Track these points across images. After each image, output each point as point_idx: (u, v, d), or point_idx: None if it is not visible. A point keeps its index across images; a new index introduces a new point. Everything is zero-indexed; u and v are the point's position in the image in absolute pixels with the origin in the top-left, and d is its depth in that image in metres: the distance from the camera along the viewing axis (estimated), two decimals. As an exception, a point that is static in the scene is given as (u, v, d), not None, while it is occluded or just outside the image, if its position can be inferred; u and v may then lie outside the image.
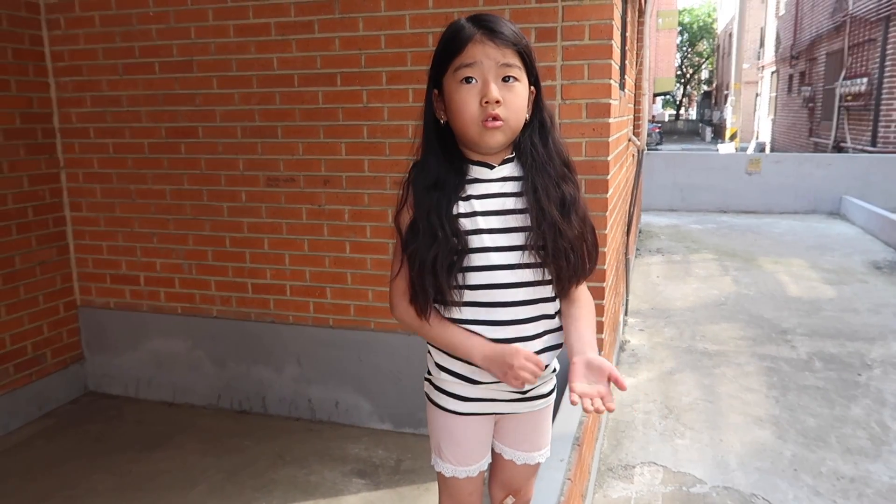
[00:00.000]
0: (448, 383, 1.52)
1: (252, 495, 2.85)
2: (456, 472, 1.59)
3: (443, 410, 1.55)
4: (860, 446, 3.16)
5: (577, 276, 1.45)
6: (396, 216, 1.47)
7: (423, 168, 1.44)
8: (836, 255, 7.29)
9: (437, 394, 1.55)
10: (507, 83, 1.36)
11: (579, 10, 2.78)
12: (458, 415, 1.54)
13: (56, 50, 3.55)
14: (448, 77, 1.38)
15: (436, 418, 1.57)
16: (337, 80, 3.14)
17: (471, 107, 1.35)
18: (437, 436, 1.59)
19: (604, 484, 2.87)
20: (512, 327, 1.42)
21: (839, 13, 13.69)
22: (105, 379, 3.86)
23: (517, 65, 1.37)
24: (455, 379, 1.50)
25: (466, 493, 1.62)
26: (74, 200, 3.70)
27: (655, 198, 10.38)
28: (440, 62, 1.40)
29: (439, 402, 1.55)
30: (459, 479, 1.59)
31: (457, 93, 1.36)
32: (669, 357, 4.35)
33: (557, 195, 1.41)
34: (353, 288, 3.31)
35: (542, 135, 1.45)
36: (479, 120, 1.35)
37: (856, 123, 12.75)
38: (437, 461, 1.61)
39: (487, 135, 1.37)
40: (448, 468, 1.59)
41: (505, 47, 1.35)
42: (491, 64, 1.34)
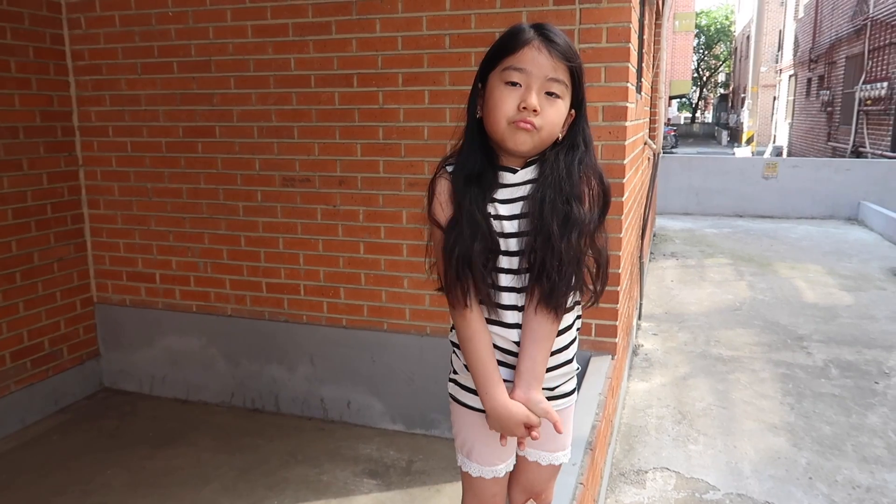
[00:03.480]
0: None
1: (264, 493, 2.86)
2: (483, 472, 1.57)
3: (471, 410, 1.53)
4: (877, 455, 3.12)
5: (559, 297, 1.39)
6: (431, 210, 1.44)
7: (464, 160, 1.43)
8: (854, 261, 7.21)
9: (465, 393, 1.53)
10: (549, 97, 1.36)
11: (597, 13, 2.77)
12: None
13: (76, 49, 3.59)
14: (494, 74, 1.38)
15: (464, 418, 1.55)
16: (353, 81, 3.15)
17: (507, 105, 1.35)
18: (465, 436, 1.57)
19: (616, 489, 2.86)
20: (516, 330, 1.43)
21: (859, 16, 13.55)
22: (120, 375, 3.89)
23: (564, 82, 1.36)
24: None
25: (491, 495, 1.60)
26: (92, 198, 3.74)
27: (670, 201, 10.31)
28: (492, 58, 1.39)
29: (468, 401, 1.53)
30: (486, 480, 1.57)
31: (497, 90, 1.36)
32: (683, 362, 4.32)
33: (563, 210, 1.37)
34: (367, 288, 3.32)
35: (570, 155, 1.41)
36: (512, 119, 1.35)
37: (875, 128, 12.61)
38: (464, 461, 1.59)
39: (516, 134, 1.36)
40: (475, 468, 1.57)
41: (558, 60, 1.34)
42: (539, 74, 1.33)
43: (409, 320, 3.29)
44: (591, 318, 3.00)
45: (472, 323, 1.42)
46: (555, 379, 1.52)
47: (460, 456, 1.61)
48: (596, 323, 3.01)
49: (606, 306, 2.98)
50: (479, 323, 1.42)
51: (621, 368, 3.39)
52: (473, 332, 1.42)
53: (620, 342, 3.20)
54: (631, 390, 3.87)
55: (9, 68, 3.32)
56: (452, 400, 1.58)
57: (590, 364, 2.96)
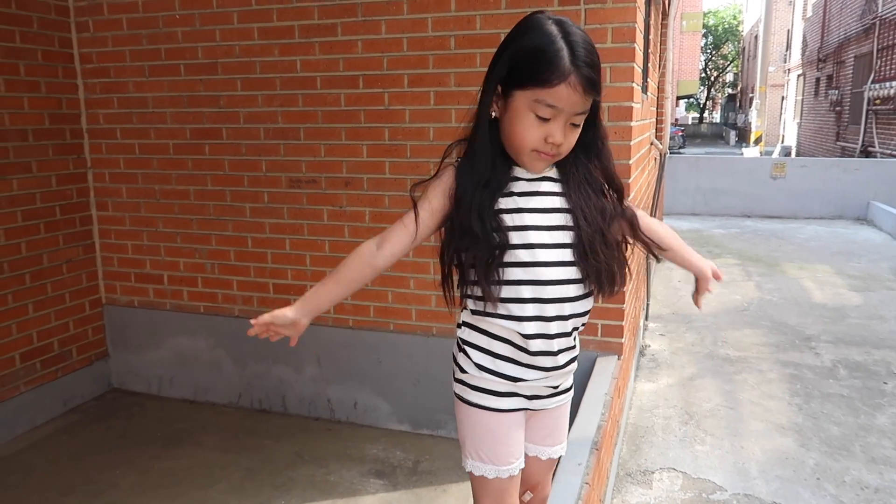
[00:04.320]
0: (487, 381, 1.49)
1: (271, 493, 2.87)
2: (499, 472, 1.53)
3: (482, 409, 1.50)
4: (885, 456, 3.10)
5: (613, 284, 1.47)
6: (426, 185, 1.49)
7: (475, 166, 1.41)
8: (863, 261, 7.17)
9: (475, 393, 1.50)
10: (572, 127, 1.37)
11: (602, 13, 2.77)
12: (500, 412, 1.51)
13: (85, 52, 3.62)
14: (522, 96, 1.33)
15: (473, 419, 1.52)
16: (359, 82, 3.16)
17: (532, 136, 1.34)
18: (476, 438, 1.53)
19: (622, 489, 2.85)
20: (556, 323, 1.44)
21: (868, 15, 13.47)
22: (128, 376, 3.91)
23: (587, 111, 1.37)
24: (498, 378, 1.49)
25: (510, 495, 1.58)
26: (101, 200, 3.77)
27: (678, 202, 10.28)
28: (521, 76, 1.32)
29: (478, 401, 1.50)
30: (503, 479, 1.54)
31: (525, 117, 1.34)
32: (690, 362, 4.30)
33: (599, 204, 1.45)
34: (373, 289, 3.33)
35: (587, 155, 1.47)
36: (535, 148, 1.36)
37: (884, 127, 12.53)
38: (475, 465, 1.54)
39: (536, 161, 1.39)
40: (491, 469, 1.53)
41: (590, 97, 1.34)
42: (570, 111, 1.33)
43: (415, 321, 3.30)
44: (597, 318, 3.00)
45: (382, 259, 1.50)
46: (566, 376, 1.56)
47: (470, 461, 1.55)
48: (602, 323, 3.01)
49: (613, 306, 2.98)
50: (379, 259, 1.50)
51: (628, 369, 3.39)
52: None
53: (627, 342, 3.20)
54: (638, 391, 3.86)
55: (18, 71, 3.34)
56: (460, 401, 1.54)
57: (596, 364, 2.96)
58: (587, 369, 2.94)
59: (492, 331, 1.47)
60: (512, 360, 1.47)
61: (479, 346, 1.49)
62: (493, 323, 1.46)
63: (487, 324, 1.47)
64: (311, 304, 1.49)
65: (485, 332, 1.49)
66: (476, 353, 1.49)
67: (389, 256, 1.48)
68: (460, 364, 1.53)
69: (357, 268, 1.49)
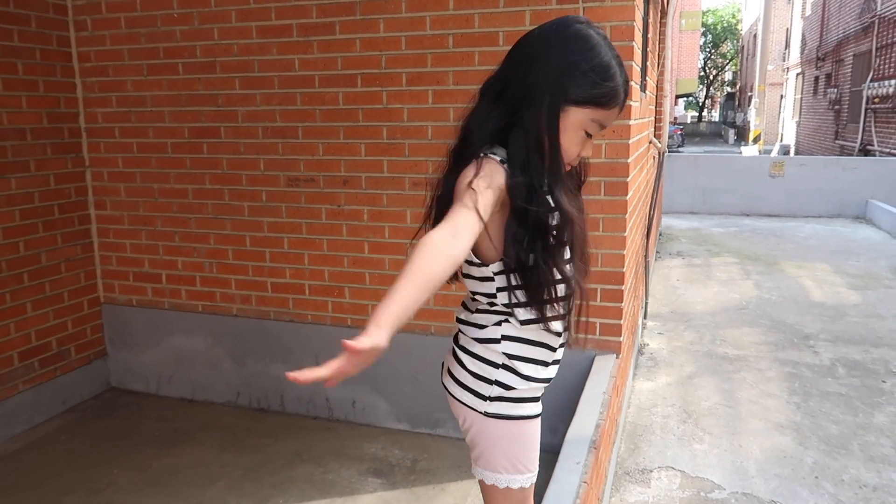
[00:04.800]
0: (532, 391, 1.47)
1: (269, 492, 2.87)
2: (532, 477, 1.53)
3: (526, 420, 1.47)
4: (884, 454, 3.11)
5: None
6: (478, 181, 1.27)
7: (557, 179, 1.37)
8: (862, 259, 7.17)
9: (519, 405, 1.46)
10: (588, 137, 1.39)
11: (600, 12, 2.77)
12: (538, 416, 1.50)
13: (83, 51, 3.61)
14: (579, 112, 1.32)
15: (516, 432, 1.47)
16: (357, 81, 3.16)
17: (575, 151, 1.37)
18: (518, 450, 1.48)
19: (620, 488, 2.86)
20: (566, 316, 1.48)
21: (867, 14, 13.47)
22: (127, 375, 3.91)
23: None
24: (541, 385, 1.48)
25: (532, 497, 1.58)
26: (99, 199, 3.77)
27: (676, 200, 10.28)
28: (584, 96, 1.31)
29: (524, 412, 1.46)
30: (534, 483, 1.54)
31: (575, 134, 1.35)
32: (689, 361, 4.31)
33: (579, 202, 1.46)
34: (372, 288, 3.33)
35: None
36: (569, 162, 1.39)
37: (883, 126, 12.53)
38: (512, 479, 1.49)
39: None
40: (528, 478, 1.51)
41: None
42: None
43: (413, 320, 3.28)
44: (595, 317, 3.00)
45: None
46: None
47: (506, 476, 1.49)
48: (601, 322, 3.01)
49: (611, 305, 2.98)
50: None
51: (626, 367, 3.39)
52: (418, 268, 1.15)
53: (625, 341, 3.20)
54: (636, 389, 3.86)
55: (16, 70, 3.34)
56: (501, 419, 1.45)
57: (594, 363, 2.96)
58: (585, 368, 2.94)
59: (533, 338, 1.44)
60: (546, 362, 1.46)
61: (528, 358, 1.44)
62: (541, 329, 1.42)
63: (534, 332, 1.43)
64: (397, 320, 1.09)
65: (530, 342, 1.44)
66: (525, 365, 1.44)
67: (465, 248, 1.19)
68: (504, 382, 1.44)
69: (438, 260, 1.14)
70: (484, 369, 1.45)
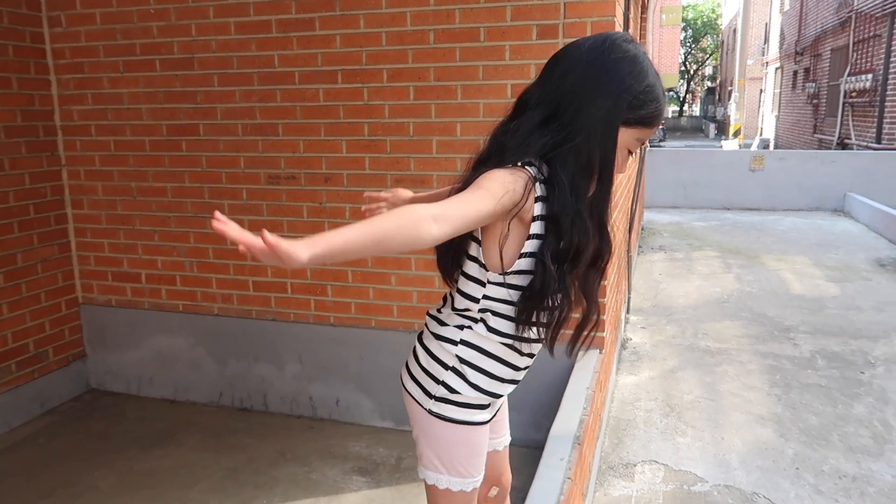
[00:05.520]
0: (478, 399, 1.46)
1: (253, 493, 2.85)
2: (474, 483, 1.53)
3: (467, 425, 1.47)
4: (863, 445, 3.15)
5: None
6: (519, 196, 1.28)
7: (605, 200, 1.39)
8: (840, 252, 7.26)
9: (462, 410, 1.46)
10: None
11: (581, 7, 2.77)
12: (482, 424, 1.49)
13: (57, 47, 3.55)
14: (627, 132, 1.34)
15: (456, 436, 1.47)
16: (338, 77, 3.13)
17: (618, 171, 1.38)
18: (457, 453, 1.48)
19: (605, 482, 2.87)
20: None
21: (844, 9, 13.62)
22: (107, 376, 3.86)
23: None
24: (488, 397, 1.47)
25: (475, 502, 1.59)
26: (76, 198, 3.71)
27: (658, 195, 10.34)
28: (635, 117, 1.32)
29: (465, 418, 1.46)
30: (476, 488, 1.54)
31: (621, 153, 1.36)
32: (671, 355, 4.34)
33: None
34: (354, 286, 3.31)
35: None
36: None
37: (860, 120, 12.69)
38: (452, 481, 1.49)
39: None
40: (469, 482, 1.51)
41: None
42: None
43: (396, 317, 3.29)
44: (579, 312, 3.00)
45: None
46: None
47: (446, 477, 1.50)
48: (583, 317, 3.01)
49: (594, 301, 2.99)
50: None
51: (609, 362, 3.40)
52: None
53: (608, 336, 3.21)
54: (620, 384, 3.88)
55: (-12, 67, 3.27)
56: (441, 419, 1.47)
57: (577, 359, 2.96)
58: (569, 364, 2.94)
59: (494, 351, 1.43)
60: (502, 378, 1.47)
61: (481, 369, 1.44)
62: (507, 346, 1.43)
63: (497, 346, 1.43)
64: (330, 252, 1.08)
65: (489, 354, 1.44)
66: (476, 374, 1.44)
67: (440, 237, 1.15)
68: (449, 384, 1.45)
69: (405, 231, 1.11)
70: (434, 367, 1.47)
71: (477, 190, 1.23)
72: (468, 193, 1.23)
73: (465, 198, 1.21)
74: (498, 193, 1.23)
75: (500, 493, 1.79)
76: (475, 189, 1.24)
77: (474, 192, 1.23)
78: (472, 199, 1.21)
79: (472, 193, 1.23)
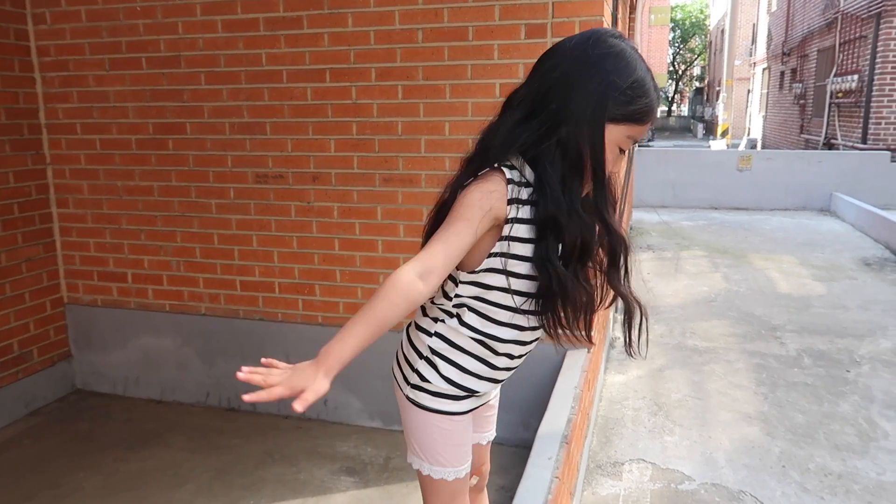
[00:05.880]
0: (450, 390, 1.48)
1: (240, 494, 2.83)
2: (457, 472, 1.55)
3: (442, 414, 1.49)
4: (848, 443, 3.17)
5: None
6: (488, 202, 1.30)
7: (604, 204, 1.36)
8: (827, 251, 7.32)
9: (436, 399, 1.48)
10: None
11: (570, 7, 2.77)
12: (459, 414, 1.51)
13: (42, 45, 3.51)
14: (615, 129, 1.30)
15: (432, 424, 1.50)
16: (326, 76, 3.12)
17: (608, 168, 1.34)
18: (435, 442, 1.51)
19: (593, 481, 2.88)
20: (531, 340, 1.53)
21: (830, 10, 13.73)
22: (93, 377, 3.83)
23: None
24: (459, 390, 1.48)
25: (463, 494, 1.60)
26: (61, 197, 3.67)
27: (646, 194, 10.38)
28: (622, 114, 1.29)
29: (439, 407, 1.48)
30: (460, 479, 1.56)
31: (609, 151, 1.31)
32: (659, 354, 4.35)
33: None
34: (343, 285, 3.30)
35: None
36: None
37: (846, 120, 12.80)
38: (433, 469, 1.53)
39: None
40: (451, 472, 1.53)
41: None
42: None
43: (385, 317, 3.27)
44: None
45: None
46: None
47: (427, 465, 1.54)
48: (572, 317, 3.02)
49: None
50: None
51: (598, 362, 3.41)
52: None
53: (597, 335, 3.22)
54: (608, 383, 3.89)
55: (-29, 65, 3.24)
56: (417, 406, 1.50)
57: (566, 358, 2.97)
58: (557, 363, 2.95)
59: (468, 348, 1.45)
60: (478, 375, 1.48)
61: (453, 362, 1.46)
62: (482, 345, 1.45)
63: (472, 344, 1.44)
64: (346, 363, 1.24)
65: (462, 350, 1.45)
66: (447, 366, 1.46)
67: (432, 289, 1.26)
68: (421, 373, 1.48)
69: (397, 303, 1.23)
70: (411, 355, 1.51)
71: (455, 223, 1.28)
72: (447, 232, 1.27)
73: (445, 239, 1.27)
74: (476, 219, 1.28)
75: (479, 482, 1.83)
76: (453, 222, 1.28)
77: (453, 226, 1.28)
78: (451, 238, 1.27)
79: (451, 229, 1.27)
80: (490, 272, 1.37)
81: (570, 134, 1.28)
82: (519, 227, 1.32)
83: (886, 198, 9.63)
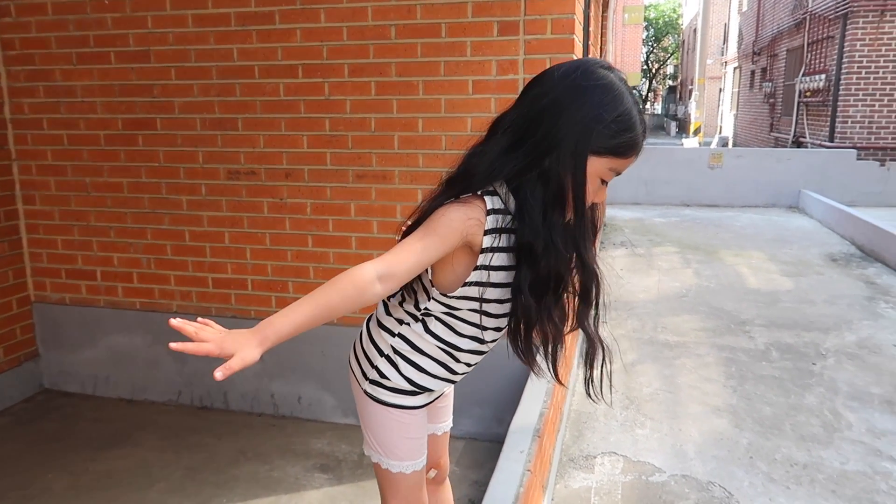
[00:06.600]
0: (406, 387, 1.51)
1: (213, 492, 2.81)
2: (414, 465, 1.58)
3: (398, 409, 1.52)
4: (813, 433, 3.24)
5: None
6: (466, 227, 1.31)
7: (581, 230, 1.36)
8: (795, 247, 7.46)
9: (392, 394, 1.51)
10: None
11: (542, 4, 2.79)
12: (414, 409, 1.54)
13: (6, 38, 3.44)
14: (597, 161, 1.28)
15: (389, 418, 1.53)
16: (298, 71, 3.10)
17: (591, 199, 1.33)
18: (392, 436, 1.54)
19: (565, 474, 2.91)
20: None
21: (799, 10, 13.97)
22: (61, 376, 3.77)
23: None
24: (416, 389, 1.52)
25: (420, 487, 1.63)
26: (27, 193, 3.60)
27: (620, 192, 10.49)
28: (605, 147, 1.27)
29: (396, 402, 1.52)
30: (417, 472, 1.60)
31: (591, 182, 1.30)
32: (631, 348, 4.41)
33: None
34: (316, 282, 3.29)
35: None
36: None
37: (814, 119, 13.04)
38: (391, 463, 1.56)
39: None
40: (408, 465, 1.57)
41: None
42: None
43: (359, 313, 3.27)
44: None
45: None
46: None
47: (385, 458, 1.56)
48: (544, 312, 3.04)
49: (554, 295, 3.02)
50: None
51: (571, 356, 3.44)
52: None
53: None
54: (581, 377, 3.93)
55: (-67, 58, 3.16)
56: (374, 401, 1.53)
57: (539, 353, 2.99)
58: (530, 358, 2.97)
59: (430, 352, 1.48)
60: (436, 376, 1.51)
61: (414, 363, 1.49)
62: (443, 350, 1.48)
63: (434, 349, 1.48)
64: (283, 340, 1.23)
65: (424, 353, 1.49)
66: (408, 366, 1.49)
67: (387, 292, 1.27)
68: (381, 370, 1.50)
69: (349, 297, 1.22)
70: (371, 351, 1.53)
71: (428, 237, 1.28)
72: (419, 243, 1.27)
73: (413, 247, 1.26)
74: (449, 239, 1.28)
75: (438, 475, 1.85)
76: (428, 235, 1.28)
77: (425, 239, 1.27)
78: (420, 250, 1.26)
79: (423, 242, 1.27)
80: (465, 299, 1.39)
81: (553, 164, 1.27)
82: (498, 255, 1.33)
83: (852, 195, 9.86)
